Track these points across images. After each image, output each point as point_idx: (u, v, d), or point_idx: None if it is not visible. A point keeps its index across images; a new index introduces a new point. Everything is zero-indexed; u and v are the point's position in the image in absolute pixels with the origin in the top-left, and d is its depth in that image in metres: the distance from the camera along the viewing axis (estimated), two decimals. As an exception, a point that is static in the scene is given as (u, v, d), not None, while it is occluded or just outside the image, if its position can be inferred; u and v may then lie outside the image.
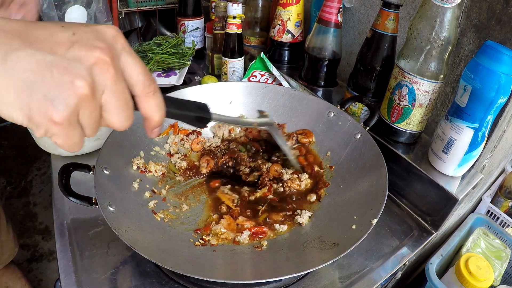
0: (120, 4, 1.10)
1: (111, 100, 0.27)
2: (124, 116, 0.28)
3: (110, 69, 0.26)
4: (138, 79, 0.29)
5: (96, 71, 0.26)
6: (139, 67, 0.29)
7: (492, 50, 0.50)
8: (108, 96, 0.27)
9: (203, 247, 0.52)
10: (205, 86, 0.73)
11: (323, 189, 0.62)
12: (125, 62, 0.28)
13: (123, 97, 0.28)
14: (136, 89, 0.29)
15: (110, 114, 0.28)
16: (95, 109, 0.26)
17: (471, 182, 0.62)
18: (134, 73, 0.29)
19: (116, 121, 0.28)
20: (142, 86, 0.29)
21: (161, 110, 0.31)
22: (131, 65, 0.28)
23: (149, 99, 0.30)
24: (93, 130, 0.28)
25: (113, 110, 0.27)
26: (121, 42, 0.28)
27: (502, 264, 0.68)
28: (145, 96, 0.30)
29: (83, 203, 0.50)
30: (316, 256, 0.49)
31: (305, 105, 0.72)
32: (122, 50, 0.28)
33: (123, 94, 0.28)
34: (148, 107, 0.30)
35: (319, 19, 0.82)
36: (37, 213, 1.80)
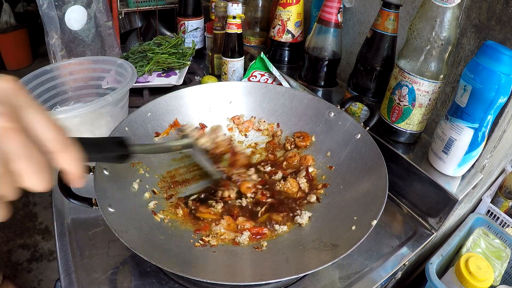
0: (120, 4, 1.10)
1: (25, 167, 0.25)
2: (44, 179, 0.26)
3: (16, 134, 0.24)
4: (49, 136, 0.26)
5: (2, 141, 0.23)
6: (47, 122, 0.26)
7: (492, 50, 0.50)
8: (21, 163, 0.24)
9: (203, 247, 0.52)
10: (205, 86, 0.73)
11: (323, 189, 0.62)
12: (31, 118, 0.25)
13: (37, 161, 0.25)
14: (49, 146, 0.27)
15: (27, 179, 0.25)
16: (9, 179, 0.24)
17: (471, 182, 0.62)
18: (43, 130, 0.26)
19: (37, 185, 0.26)
20: (53, 142, 0.27)
21: (78, 162, 0.29)
22: (38, 121, 0.26)
23: (63, 155, 0.28)
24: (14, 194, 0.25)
25: (30, 175, 0.25)
26: (21, 96, 0.25)
27: (502, 264, 0.68)
28: (59, 152, 0.27)
29: (83, 205, 0.50)
30: (316, 257, 0.49)
31: (305, 105, 0.72)
32: (26, 106, 0.25)
33: (36, 157, 0.25)
34: (65, 163, 0.28)
35: (319, 19, 0.82)
36: (37, 213, 1.80)
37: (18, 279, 1.51)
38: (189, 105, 0.71)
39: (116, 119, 0.72)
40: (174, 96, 0.70)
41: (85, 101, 0.83)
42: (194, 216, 0.58)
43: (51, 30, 0.91)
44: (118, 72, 0.80)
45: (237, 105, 0.74)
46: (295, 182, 0.64)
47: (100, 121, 0.70)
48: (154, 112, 0.67)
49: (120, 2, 1.10)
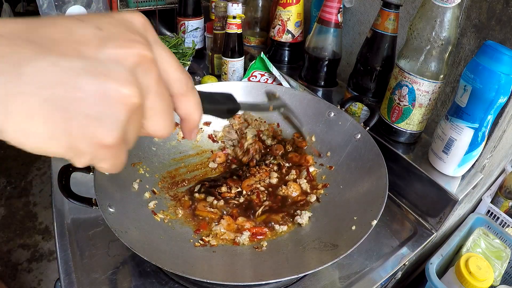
0: (120, 4, 1.10)
1: (156, 105, 0.23)
2: (169, 121, 0.24)
3: (153, 67, 0.22)
4: (176, 77, 0.25)
5: (139, 72, 0.21)
6: (175, 62, 0.25)
7: (492, 50, 0.50)
8: (152, 100, 0.22)
9: (203, 247, 0.52)
10: (204, 86, 0.73)
11: (323, 189, 0.62)
12: (160, 57, 0.24)
13: (167, 100, 0.24)
14: (174, 88, 0.25)
15: (154, 121, 0.23)
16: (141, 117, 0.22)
17: (471, 182, 0.62)
18: (171, 70, 0.24)
19: (161, 128, 0.24)
20: (180, 84, 0.25)
21: (200, 108, 0.27)
22: (166, 60, 0.24)
23: (188, 98, 0.26)
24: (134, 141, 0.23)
25: (158, 116, 0.23)
26: (151, 32, 0.24)
27: (502, 264, 0.68)
28: (183, 95, 0.26)
29: (83, 205, 0.50)
30: (316, 257, 0.49)
31: (305, 105, 0.72)
32: (155, 42, 0.24)
33: (166, 96, 0.24)
34: (188, 107, 0.26)
35: (319, 19, 0.82)
36: (37, 213, 1.80)
37: (18, 279, 1.51)
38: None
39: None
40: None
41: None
42: (193, 215, 0.58)
43: (51, 30, 0.91)
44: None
45: (236, 105, 0.74)
46: (297, 185, 0.64)
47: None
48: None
49: (120, 2, 1.10)
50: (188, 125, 0.28)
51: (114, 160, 0.21)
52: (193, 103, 0.27)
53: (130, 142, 0.22)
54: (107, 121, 0.19)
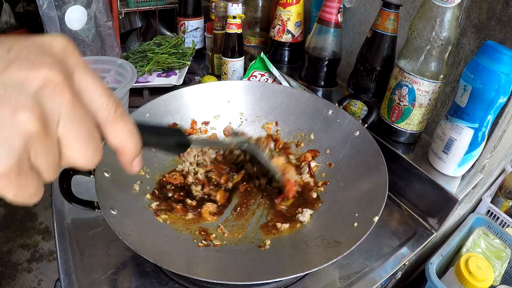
0: (120, 4, 1.10)
1: (71, 132, 0.21)
2: (91, 150, 0.22)
3: (64, 90, 0.20)
4: (101, 103, 0.22)
5: (45, 96, 0.19)
6: (100, 88, 0.22)
7: (492, 50, 0.50)
8: (65, 127, 0.20)
9: (206, 247, 0.52)
10: (203, 85, 0.73)
11: (323, 187, 0.63)
12: (81, 81, 0.22)
13: (86, 126, 0.21)
14: (99, 116, 0.23)
15: (72, 149, 0.21)
16: (51, 147, 0.20)
17: (471, 182, 0.62)
18: (95, 95, 0.22)
19: (81, 158, 0.22)
20: (106, 110, 0.23)
21: (135, 136, 0.25)
22: (89, 85, 0.22)
23: (117, 125, 0.24)
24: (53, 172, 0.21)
25: (75, 144, 0.21)
26: (74, 56, 0.22)
27: (502, 264, 0.68)
28: (112, 122, 0.23)
29: (85, 208, 0.50)
30: (320, 255, 0.49)
31: (303, 103, 0.72)
32: (76, 66, 0.22)
33: (85, 122, 0.21)
34: (119, 136, 0.24)
35: (319, 19, 0.82)
36: (37, 213, 1.80)
37: (18, 279, 1.51)
38: (187, 105, 0.71)
39: (116, 119, 0.72)
40: (172, 96, 0.70)
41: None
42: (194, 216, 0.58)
43: (51, 30, 0.91)
44: (118, 72, 0.80)
45: (235, 104, 0.74)
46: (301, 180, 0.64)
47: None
48: (152, 113, 0.67)
49: (120, 2, 1.10)
50: (123, 158, 0.25)
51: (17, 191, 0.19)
52: (123, 132, 0.24)
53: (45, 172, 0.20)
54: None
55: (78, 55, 0.22)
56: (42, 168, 0.20)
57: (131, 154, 0.25)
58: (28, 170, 0.19)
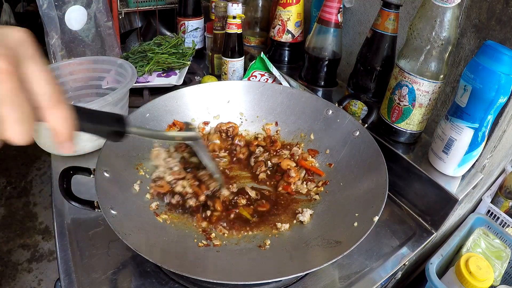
0: (120, 4, 1.10)
1: (10, 114, 0.25)
2: (23, 130, 0.26)
3: (8, 78, 0.24)
4: (43, 90, 0.27)
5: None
6: (44, 77, 0.27)
7: (492, 50, 0.50)
8: (5, 109, 0.25)
9: (206, 247, 0.52)
10: (202, 85, 0.73)
11: (323, 187, 0.63)
12: (28, 70, 0.26)
13: (22, 110, 0.25)
14: (39, 101, 0.27)
15: (8, 128, 0.25)
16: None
17: (471, 182, 0.62)
18: (39, 83, 0.27)
19: (14, 136, 0.26)
20: (46, 97, 0.27)
21: (67, 122, 0.29)
22: (35, 74, 0.26)
23: (54, 111, 0.28)
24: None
25: (11, 123, 0.25)
26: (26, 47, 0.26)
27: (502, 264, 0.68)
28: (50, 108, 0.28)
29: (85, 207, 0.50)
30: (320, 254, 0.49)
31: (303, 103, 0.72)
32: (27, 57, 0.26)
33: (21, 107, 0.25)
34: (54, 120, 0.28)
35: (319, 19, 0.82)
36: (37, 213, 1.80)
37: (18, 279, 1.51)
38: (187, 105, 0.71)
39: (116, 119, 0.72)
40: (172, 97, 0.70)
41: (85, 101, 0.83)
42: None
43: (51, 30, 0.91)
44: (118, 72, 0.80)
45: (235, 104, 0.74)
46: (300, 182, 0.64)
47: (100, 121, 0.70)
48: (152, 113, 0.67)
49: (120, 2, 1.10)
50: (56, 138, 0.29)
51: None
52: (59, 116, 0.28)
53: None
54: None
55: (32, 47, 0.26)
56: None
57: (62, 137, 0.29)
58: None
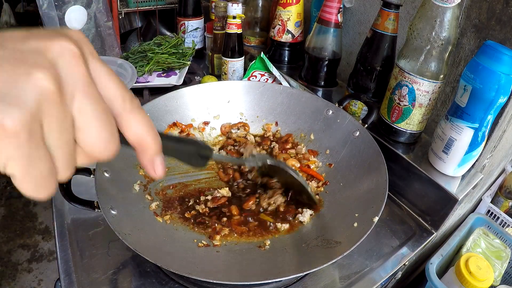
0: (120, 4, 1.10)
1: (87, 108, 0.19)
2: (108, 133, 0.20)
3: (81, 63, 0.19)
4: (117, 93, 0.21)
5: (62, 63, 0.19)
6: (115, 78, 0.21)
7: (492, 50, 0.50)
8: (82, 102, 0.19)
9: (206, 247, 0.52)
10: (203, 85, 0.73)
11: (323, 187, 0.62)
12: (96, 69, 0.21)
13: (102, 106, 0.20)
14: (115, 105, 0.21)
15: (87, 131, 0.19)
16: (65, 120, 0.19)
17: (471, 182, 0.62)
18: (110, 85, 0.21)
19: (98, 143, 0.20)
20: (122, 100, 0.21)
21: (153, 129, 0.23)
22: (105, 74, 0.21)
23: (135, 116, 0.22)
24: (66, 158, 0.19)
25: (91, 124, 0.19)
26: (88, 46, 0.21)
27: (502, 264, 0.68)
28: (129, 112, 0.22)
29: (85, 208, 0.50)
30: (320, 255, 0.49)
31: (303, 103, 0.72)
32: (91, 55, 0.21)
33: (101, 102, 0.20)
34: (138, 127, 0.22)
35: (319, 19, 0.82)
36: (37, 213, 1.80)
37: (18, 279, 1.51)
38: (187, 105, 0.71)
39: (116, 119, 0.72)
40: (172, 97, 0.70)
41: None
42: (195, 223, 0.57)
43: (51, 30, 0.90)
44: (118, 72, 0.80)
45: (235, 104, 0.74)
46: None
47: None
48: (152, 113, 0.67)
49: (120, 2, 1.10)
50: (144, 154, 0.23)
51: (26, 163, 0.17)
52: (142, 123, 0.22)
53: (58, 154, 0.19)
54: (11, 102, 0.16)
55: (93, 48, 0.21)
56: (54, 146, 0.18)
57: (152, 149, 0.23)
58: (39, 140, 0.17)
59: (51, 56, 0.18)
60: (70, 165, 0.20)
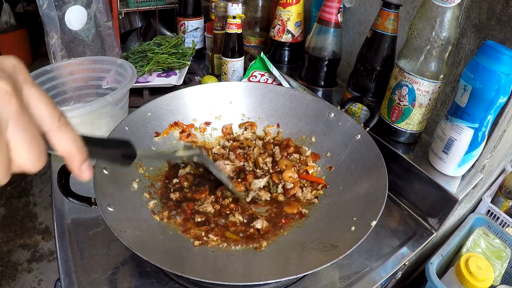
0: (120, 4, 1.10)
1: (18, 136, 0.23)
2: (35, 154, 0.25)
3: (13, 99, 0.23)
4: (46, 113, 0.25)
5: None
6: (45, 100, 0.26)
7: (492, 50, 0.50)
8: (13, 131, 0.23)
9: (202, 247, 0.52)
10: (205, 86, 0.73)
11: (322, 190, 0.62)
12: (29, 94, 0.25)
13: (31, 132, 0.24)
14: (45, 124, 0.26)
15: (19, 153, 0.24)
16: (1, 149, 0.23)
17: (471, 182, 0.62)
18: (41, 107, 0.25)
19: (27, 161, 0.24)
20: (51, 119, 0.26)
21: (78, 141, 0.28)
22: (36, 98, 0.25)
23: (61, 133, 0.26)
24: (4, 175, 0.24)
25: (22, 147, 0.24)
26: (23, 73, 0.25)
27: (502, 264, 0.68)
28: (56, 130, 0.26)
29: (82, 204, 0.50)
30: (315, 258, 0.49)
31: (305, 106, 0.72)
32: (25, 82, 0.25)
33: (30, 128, 0.24)
34: (64, 142, 0.27)
35: (319, 19, 0.82)
36: (37, 213, 1.80)
37: (18, 279, 1.51)
38: (189, 105, 0.71)
39: (116, 119, 0.72)
40: (174, 96, 0.70)
41: (85, 101, 0.83)
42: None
43: (51, 30, 0.91)
44: (118, 72, 0.80)
45: (237, 105, 0.74)
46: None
47: (100, 121, 0.70)
48: (154, 112, 0.67)
49: (120, 2, 1.10)
50: (72, 163, 0.28)
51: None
52: (67, 138, 0.27)
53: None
54: None
55: (27, 72, 0.25)
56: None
57: (78, 159, 0.28)
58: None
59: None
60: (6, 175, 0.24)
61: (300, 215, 0.59)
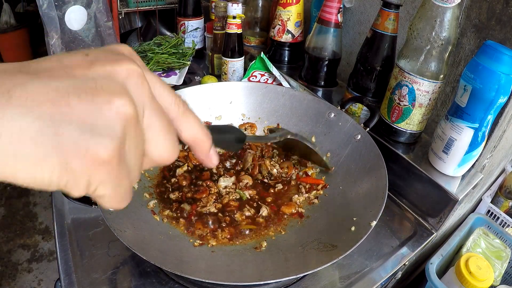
0: (120, 4, 1.10)
1: (155, 123, 0.21)
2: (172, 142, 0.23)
3: (145, 82, 0.21)
4: (170, 99, 0.23)
5: (131, 85, 0.20)
6: (166, 85, 0.24)
7: (492, 50, 0.50)
8: (150, 117, 0.21)
9: (202, 247, 0.52)
10: (205, 86, 0.73)
11: (322, 190, 0.62)
12: (151, 81, 0.22)
13: (165, 117, 0.22)
14: (171, 111, 0.23)
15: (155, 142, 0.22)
16: (140, 137, 0.21)
17: (471, 182, 0.62)
18: (164, 93, 0.23)
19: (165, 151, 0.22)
20: (176, 105, 0.24)
21: (204, 127, 0.26)
22: (158, 84, 0.23)
23: (188, 118, 0.25)
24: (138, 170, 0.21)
25: (158, 136, 0.22)
26: (140, 60, 0.23)
27: (502, 264, 0.67)
28: (181, 115, 0.24)
29: (82, 204, 0.50)
30: (315, 258, 0.49)
31: (305, 106, 0.72)
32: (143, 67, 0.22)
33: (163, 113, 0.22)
34: (192, 128, 0.25)
35: (319, 19, 0.82)
36: (37, 213, 1.80)
37: (18, 279, 1.51)
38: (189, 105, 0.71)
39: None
40: (174, 96, 0.70)
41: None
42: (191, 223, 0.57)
43: (51, 30, 0.91)
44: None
45: (237, 105, 0.74)
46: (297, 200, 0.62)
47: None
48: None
49: (120, 2, 1.11)
50: (201, 149, 0.26)
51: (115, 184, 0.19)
52: (195, 123, 0.25)
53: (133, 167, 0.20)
54: (100, 133, 0.18)
55: (141, 60, 0.23)
56: (132, 163, 0.20)
57: (206, 145, 0.26)
58: (124, 161, 0.19)
59: (121, 80, 0.20)
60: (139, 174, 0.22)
61: (300, 215, 0.59)
